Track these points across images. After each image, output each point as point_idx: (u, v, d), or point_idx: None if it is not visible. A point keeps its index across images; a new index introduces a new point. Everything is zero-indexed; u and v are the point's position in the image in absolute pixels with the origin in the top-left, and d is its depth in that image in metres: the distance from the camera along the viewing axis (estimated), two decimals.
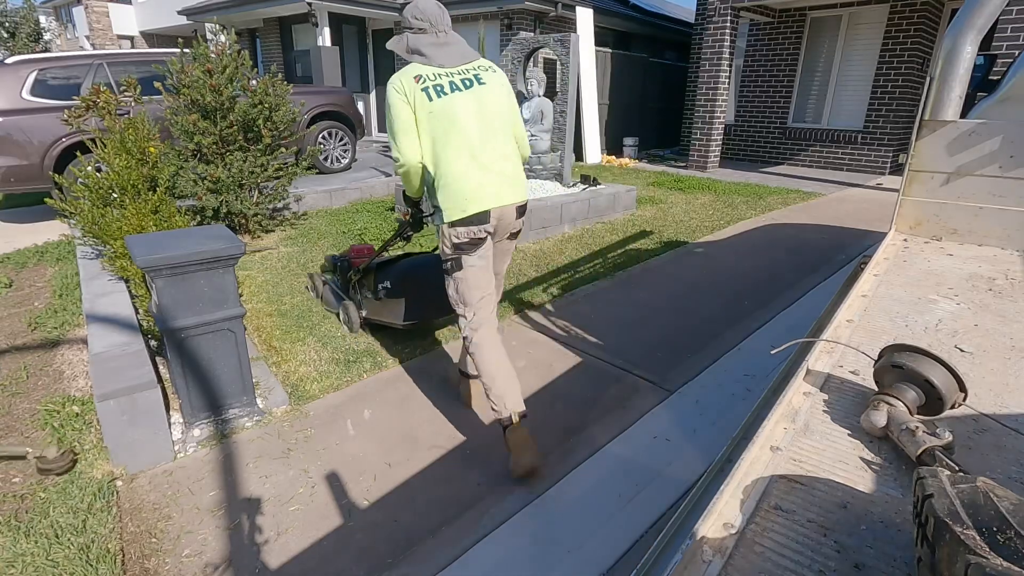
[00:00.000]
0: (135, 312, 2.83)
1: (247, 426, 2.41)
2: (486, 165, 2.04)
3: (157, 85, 4.54)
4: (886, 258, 2.22)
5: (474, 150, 2.03)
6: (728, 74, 8.96)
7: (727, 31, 8.61)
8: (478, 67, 2.12)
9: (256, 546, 1.83)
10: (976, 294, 1.83)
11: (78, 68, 5.65)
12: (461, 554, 1.79)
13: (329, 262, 3.70)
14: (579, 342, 3.21)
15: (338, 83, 10.22)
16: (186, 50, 4.71)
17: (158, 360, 2.65)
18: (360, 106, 9.37)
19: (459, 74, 2.07)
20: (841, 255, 4.82)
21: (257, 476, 2.13)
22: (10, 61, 5.42)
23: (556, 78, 9.18)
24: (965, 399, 1.12)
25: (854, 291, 1.81)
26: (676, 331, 3.36)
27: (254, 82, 4.80)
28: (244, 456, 2.24)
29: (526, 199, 2.19)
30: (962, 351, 1.45)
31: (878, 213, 6.29)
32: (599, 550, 1.80)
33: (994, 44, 6.65)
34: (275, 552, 1.80)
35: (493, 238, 2.17)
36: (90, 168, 3.51)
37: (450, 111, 2.00)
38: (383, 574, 1.73)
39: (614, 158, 10.31)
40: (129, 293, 3.04)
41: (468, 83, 2.06)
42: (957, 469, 0.92)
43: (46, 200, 3.57)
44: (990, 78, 4.67)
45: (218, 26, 5.37)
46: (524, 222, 2.28)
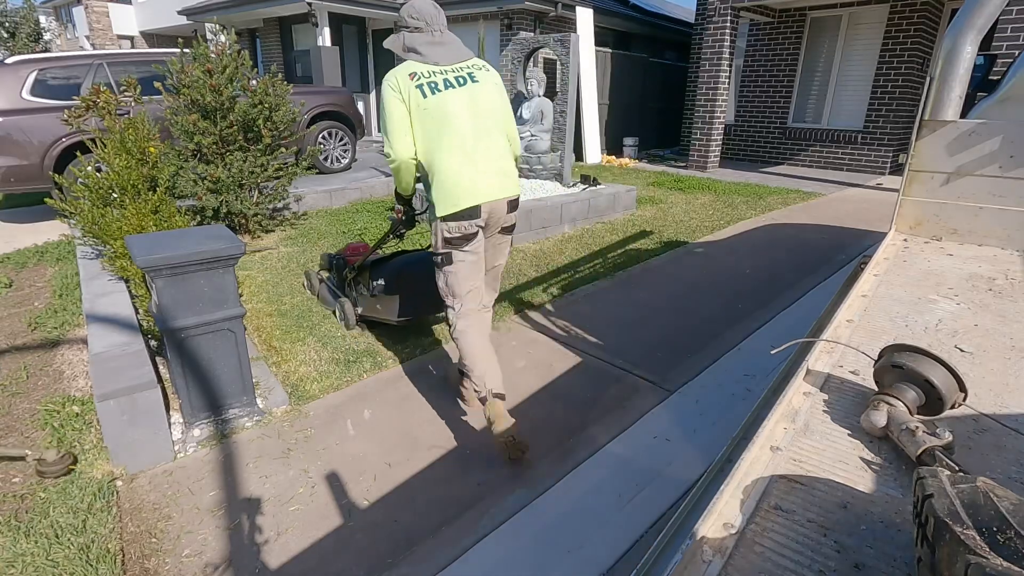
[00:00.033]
0: (135, 312, 2.83)
1: (247, 426, 2.41)
2: (478, 161, 2.08)
3: (157, 85, 4.54)
4: (886, 258, 2.22)
5: (467, 146, 2.07)
6: (728, 74, 8.97)
7: (727, 31, 8.61)
8: (472, 66, 2.16)
9: (256, 546, 1.83)
10: (976, 294, 1.83)
11: (78, 68, 5.65)
12: (461, 554, 1.79)
13: (325, 260, 3.72)
14: (579, 342, 3.21)
15: (338, 83, 10.22)
16: (186, 50, 4.71)
17: (158, 360, 2.65)
18: (360, 106, 9.36)
19: (453, 72, 2.10)
20: (841, 255, 4.82)
21: (257, 476, 2.13)
22: (10, 61, 5.42)
23: (556, 78, 9.18)
24: (965, 399, 1.12)
25: (854, 291, 1.81)
26: (676, 331, 3.36)
27: (254, 82, 4.80)
28: (244, 456, 2.24)
29: (517, 193, 2.23)
30: (962, 351, 1.45)
31: (878, 213, 6.29)
32: (599, 550, 1.80)
33: (994, 44, 6.65)
34: (275, 552, 1.80)
35: (485, 232, 2.21)
36: (90, 168, 3.51)
37: (444, 108, 2.04)
38: (383, 574, 1.73)
39: (614, 158, 10.31)
40: (129, 293, 3.04)
41: (462, 80, 2.10)
42: (957, 469, 0.92)
43: (46, 200, 3.56)
44: (990, 78, 4.67)
45: (218, 26, 5.36)
46: (517, 216, 2.33)
